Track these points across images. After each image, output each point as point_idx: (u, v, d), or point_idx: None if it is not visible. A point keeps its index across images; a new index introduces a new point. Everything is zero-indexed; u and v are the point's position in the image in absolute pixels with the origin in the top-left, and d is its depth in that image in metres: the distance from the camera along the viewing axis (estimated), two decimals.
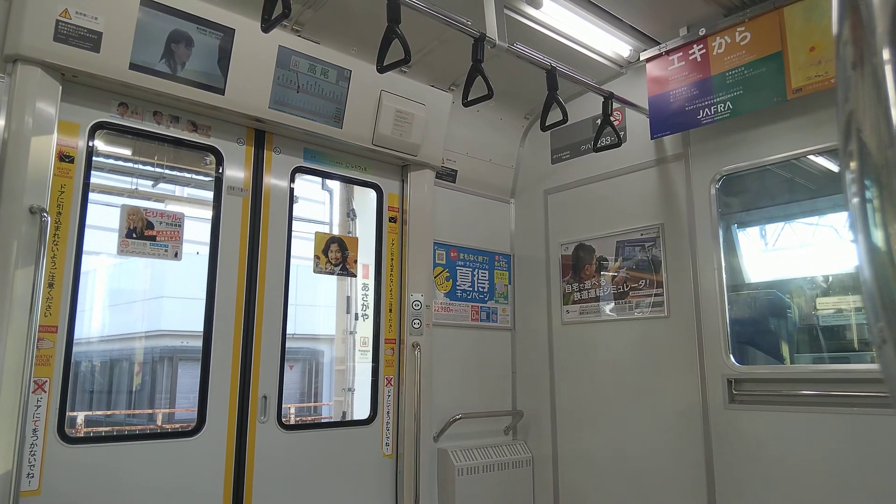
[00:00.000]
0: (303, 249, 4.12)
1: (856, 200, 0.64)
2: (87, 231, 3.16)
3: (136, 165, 5.07)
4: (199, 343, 3.51)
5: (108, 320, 12.30)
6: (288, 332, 3.81)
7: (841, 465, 3.20)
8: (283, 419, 3.72)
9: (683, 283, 3.97)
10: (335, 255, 4.13)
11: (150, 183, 6.06)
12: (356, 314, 4.56)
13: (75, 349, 3.06)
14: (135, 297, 12.85)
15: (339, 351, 4.89)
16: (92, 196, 3.24)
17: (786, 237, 4.43)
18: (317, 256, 4.07)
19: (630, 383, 4.18)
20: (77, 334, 3.07)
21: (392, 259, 4.36)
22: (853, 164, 0.65)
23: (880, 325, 0.60)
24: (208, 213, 3.67)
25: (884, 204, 0.60)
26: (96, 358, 11.81)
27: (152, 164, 4.66)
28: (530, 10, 3.76)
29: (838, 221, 4.16)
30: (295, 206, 4.00)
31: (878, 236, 0.60)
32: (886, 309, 0.59)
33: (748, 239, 4.46)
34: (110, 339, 12.45)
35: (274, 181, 3.86)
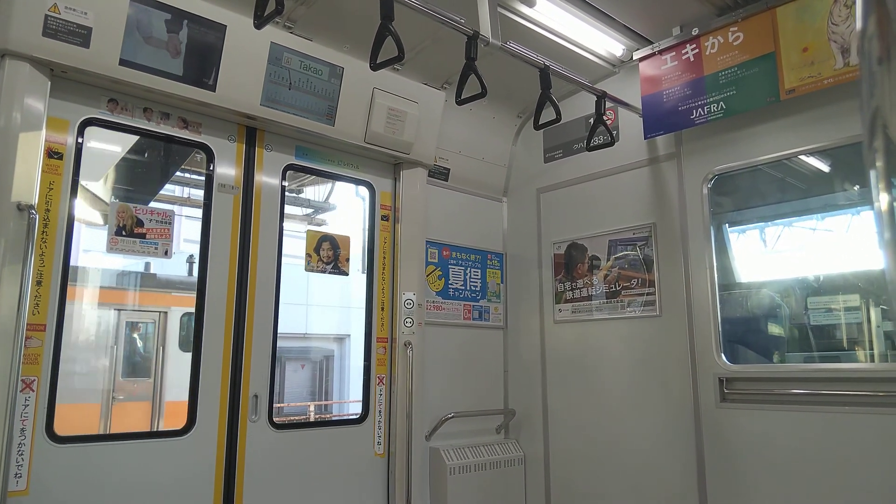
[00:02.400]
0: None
1: (882, 197, 0.62)
2: (76, 228, 3.13)
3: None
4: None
5: None
6: (310, 331, 3.84)
7: (831, 463, 3.22)
8: (274, 417, 3.70)
9: (675, 282, 3.97)
10: (327, 253, 4.11)
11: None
12: None
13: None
14: None
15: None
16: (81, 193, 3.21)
17: (777, 237, 4.45)
18: (308, 255, 4.05)
19: (622, 382, 4.19)
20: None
21: (384, 257, 4.34)
22: (879, 161, 0.64)
23: None
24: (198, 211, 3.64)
25: None
26: None
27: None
28: (524, 9, 3.75)
29: (830, 221, 4.18)
30: (331, 212, 3.99)
31: None
32: None
33: (740, 238, 4.47)
34: None
35: (265, 179, 3.83)
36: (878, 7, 0.62)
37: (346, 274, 4.30)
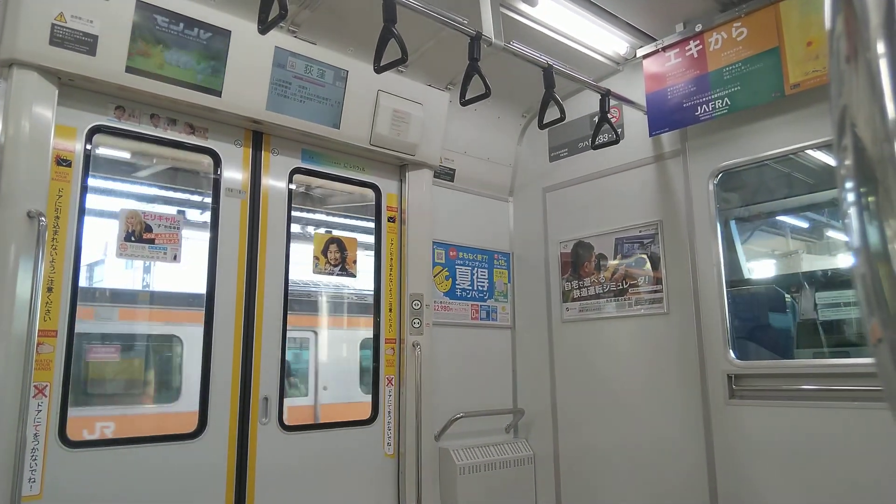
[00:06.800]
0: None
1: (850, 196, 0.63)
2: (85, 234, 3.16)
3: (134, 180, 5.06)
4: None
5: None
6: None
7: (841, 459, 3.20)
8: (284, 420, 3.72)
9: (682, 279, 3.96)
10: (334, 255, 4.12)
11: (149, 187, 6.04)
12: None
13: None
14: None
15: None
16: (90, 199, 3.23)
17: (784, 232, 4.43)
18: (316, 257, 4.07)
19: (630, 380, 4.18)
20: None
21: (391, 259, 4.35)
22: (847, 160, 0.65)
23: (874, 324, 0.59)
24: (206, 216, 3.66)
25: (879, 200, 0.59)
26: None
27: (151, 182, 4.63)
28: (526, 8, 3.75)
29: (837, 216, 4.15)
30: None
31: (873, 233, 0.60)
32: (881, 307, 0.58)
33: (747, 234, 4.46)
34: None
35: (272, 182, 3.86)
36: (845, 7, 0.63)
37: (354, 276, 4.32)
